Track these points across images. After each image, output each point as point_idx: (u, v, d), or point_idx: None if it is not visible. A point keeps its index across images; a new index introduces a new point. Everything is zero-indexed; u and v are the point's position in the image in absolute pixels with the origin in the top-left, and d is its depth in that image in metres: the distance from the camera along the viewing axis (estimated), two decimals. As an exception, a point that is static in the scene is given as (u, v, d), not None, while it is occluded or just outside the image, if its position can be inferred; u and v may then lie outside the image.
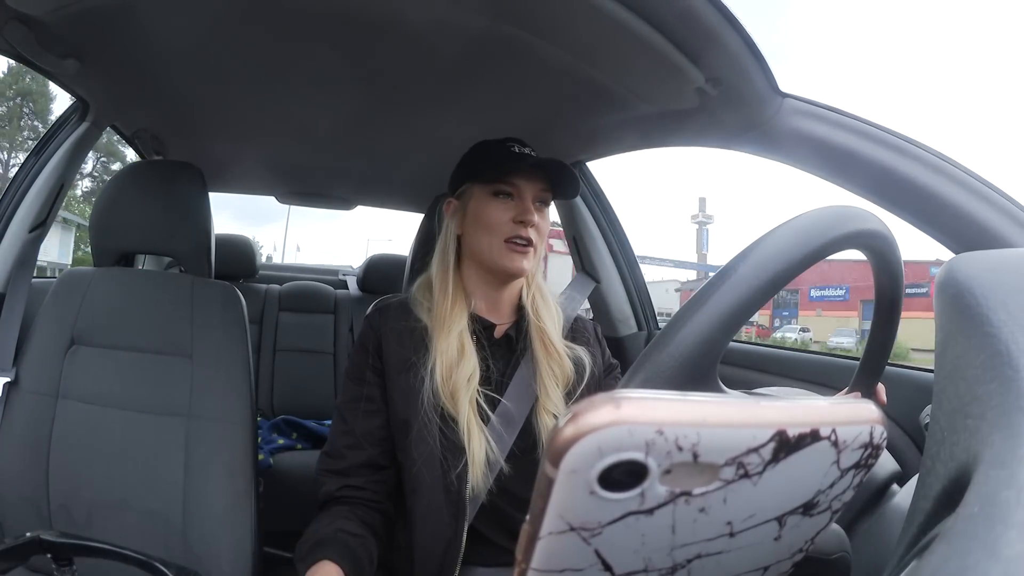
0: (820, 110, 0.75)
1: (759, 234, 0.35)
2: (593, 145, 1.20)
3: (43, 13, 0.78)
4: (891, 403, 0.56)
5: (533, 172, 0.77)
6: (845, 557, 0.47)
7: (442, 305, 0.77)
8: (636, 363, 0.33)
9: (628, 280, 1.43)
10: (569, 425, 0.20)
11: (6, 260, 1.03)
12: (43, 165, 1.08)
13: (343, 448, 0.75)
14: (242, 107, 1.22)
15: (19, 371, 0.91)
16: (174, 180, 1.00)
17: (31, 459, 0.87)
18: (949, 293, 0.26)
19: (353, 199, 2.04)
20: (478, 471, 0.69)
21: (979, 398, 0.22)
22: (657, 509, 0.21)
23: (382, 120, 1.23)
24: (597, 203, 1.40)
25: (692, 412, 0.20)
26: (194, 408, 0.90)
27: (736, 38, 0.67)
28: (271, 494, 1.37)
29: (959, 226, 0.66)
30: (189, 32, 0.87)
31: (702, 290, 0.33)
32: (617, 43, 0.74)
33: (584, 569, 0.23)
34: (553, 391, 0.75)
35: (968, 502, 0.19)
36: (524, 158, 0.76)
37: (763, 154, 0.84)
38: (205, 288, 0.98)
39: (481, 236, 0.77)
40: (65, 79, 0.98)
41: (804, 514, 0.26)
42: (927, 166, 0.68)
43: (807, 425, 0.22)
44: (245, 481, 0.89)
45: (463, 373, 0.73)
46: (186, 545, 0.85)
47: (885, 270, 0.41)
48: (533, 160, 0.76)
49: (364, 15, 0.80)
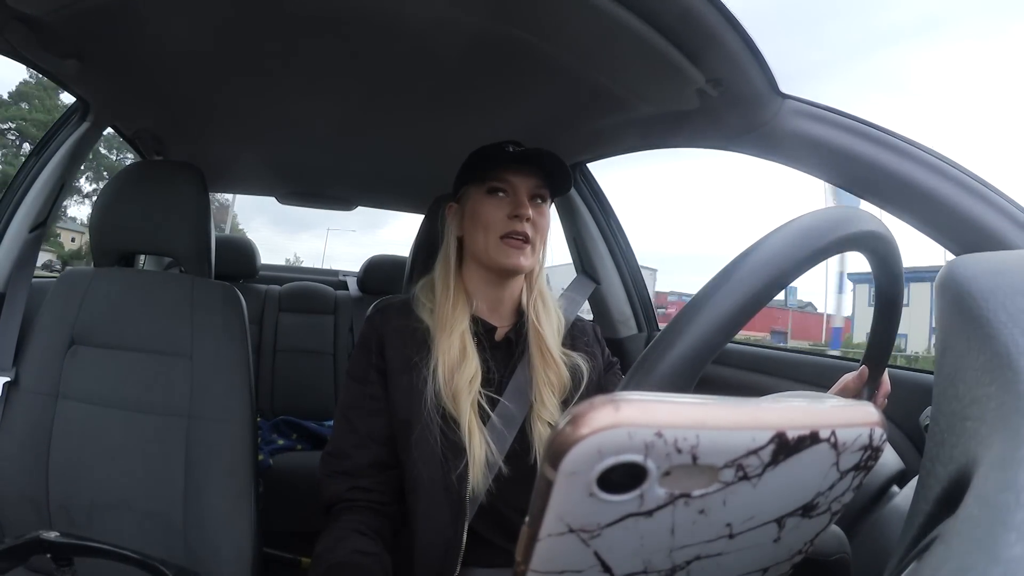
0: (820, 111, 0.75)
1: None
2: (593, 146, 1.20)
3: (43, 13, 0.78)
4: (891, 405, 0.56)
5: (526, 168, 0.77)
6: (845, 559, 0.47)
7: (444, 306, 0.77)
8: (635, 365, 0.33)
9: (628, 281, 1.43)
10: (568, 427, 0.20)
11: (6, 260, 1.03)
12: (43, 165, 1.08)
13: (349, 448, 0.75)
14: (242, 107, 1.22)
15: (19, 371, 0.91)
16: (174, 180, 1.00)
17: (31, 459, 0.87)
18: (949, 295, 0.26)
19: (353, 199, 2.04)
20: (478, 472, 0.69)
21: (979, 400, 0.22)
22: (656, 511, 0.21)
23: (382, 120, 1.23)
24: (597, 204, 1.40)
25: (691, 414, 0.20)
26: (194, 408, 0.90)
27: (736, 39, 0.67)
28: (271, 494, 1.37)
29: (959, 227, 0.66)
30: (189, 32, 0.87)
31: (701, 292, 0.33)
32: (617, 43, 0.74)
33: (583, 571, 0.23)
34: (548, 399, 0.75)
35: (968, 504, 0.19)
36: (514, 153, 0.77)
37: (763, 155, 0.84)
38: (205, 288, 0.98)
39: (478, 234, 0.77)
40: (65, 79, 0.98)
41: (803, 516, 0.26)
42: (927, 167, 0.68)
43: (806, 427, 0.22)
44: (245, 482, 0.89)
45: (465, 374, 0.73)
46: (186, 545, 0.85)
47: (885, 272, 0.41)
48: (522, 152, 0.77)
49: (364, 15, 0.80)
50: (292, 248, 51.47)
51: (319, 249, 33.77)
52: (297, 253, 37.85)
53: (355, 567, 0.65)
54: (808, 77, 68.57)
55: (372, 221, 34.91)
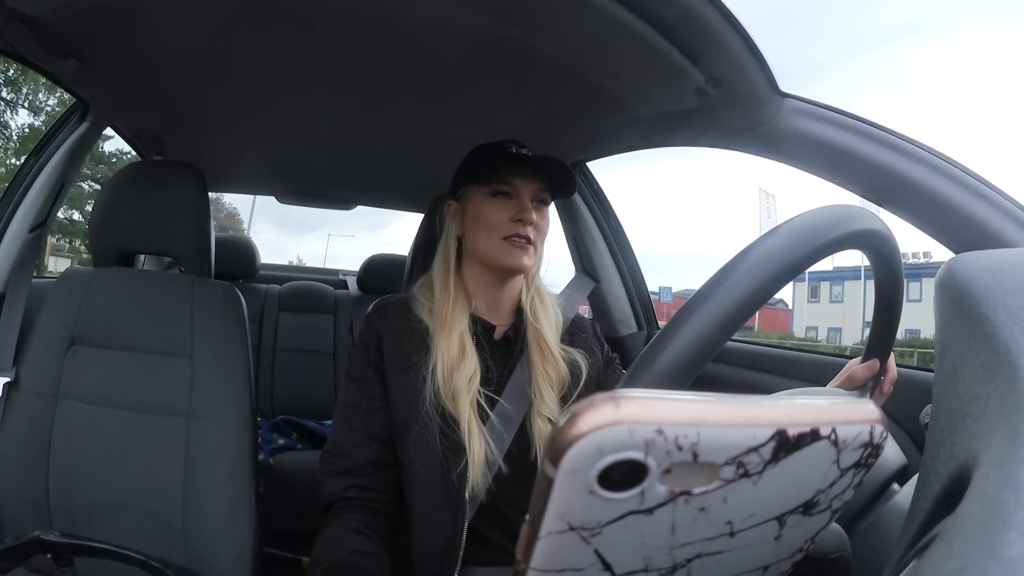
0: (820, 110, 0.75)
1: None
2: (593, 145, 1.20)
3: (43, 13, 0.78)
4: (891, 403, 0.56)
5: (530, 171, 0.77)
6: (845, 556, 0.47)
7: (443, 305, 0.77)
8: (635, 363, 0.33)
9: (628, 280, 1.43)
10: (569, 425, 0.20)
11: (6, 260, 1.03)
12: (43, 165, 1.08)
13: (348, 446, 0.75)
14: (242, 107, 1.22)
15: (19, 371, 0.91)
16: (174, 180, 1.00)
17: (31, 459, 0.87)
18: (949, 293, 0.26)
19: (353, 199, 2.04)
20: (478, 471, 0.69)
21: (979, 398, 0.22)
22: (657, 509, 0.21)
23: (382, 120, 1.23)
24: (597, 203, 1.40)
25: (692, 411, 0.20)
26: (194, 408, 0.90)
27: (736, 38, 0.67)
28: (271, 494, 1.37)
29: (959, 226, 0.66)
30: (189, 32, 0.87)
31: (701, 290, 0.33)
32: (617, 43, 0.74)
33: (584, 569, 0.23)
34: (548, 394, 0.75)
35: (968, 502, 0.19)
36: (520, 156, 0.77)
37: (763, 154, 0.84)
38: (205, 288, 0.98)
39: (480, 235, 0.77)
40: (65, 79, 0.98)
41: (804, 513, 0.26)
42: (927, 166, 0.68)
43: (807, 424, 0.22)
44: (245, 481, 0.89)
45: (464, 373, 0.73)
46: (186, 545, 0.85)
47: (885, 270, 0.41)
48: (528, 157, 0.77)
49: (364, 15, 0.80)
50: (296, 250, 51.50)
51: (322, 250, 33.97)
52: (300, 255, 37.88)
53: (353, 568, 0.64)
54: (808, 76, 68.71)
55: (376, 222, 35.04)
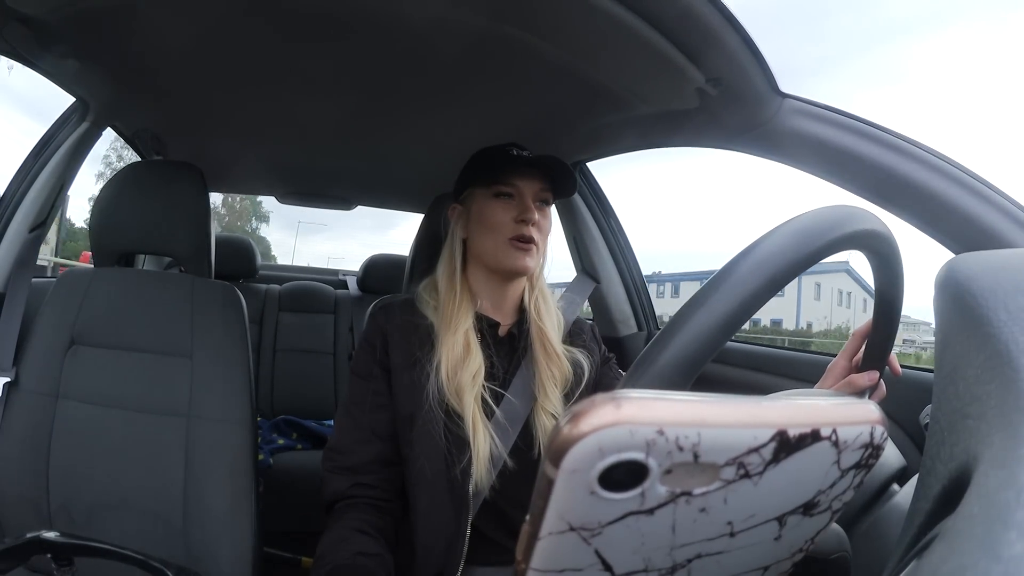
0: (820, 110, 0.75)
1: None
2: (593, 145, 1.20)
3: (43, 13, 0.78)
4: (891, 403, 0.56)
5: (531, 172, 0.78)
6: (845, 557, 0.47)
7: (449, 304, 0.78)
8: (635, 363, 0.33)
9: (628, 280, 1.43)
10: (570, 425, 0.20)
11: (6, 260, 1.03)
12: (43, 165, 1.08)
13: (352, 443, 0.75)
14: (242, 107, 1.22)
15: (19, 371, 0.91)
16: (174, 180, 1.00)
17: (31, 459, 0.87)
18: (949, 293, 0.26)
19: (353, 199, 2.04)
20: (482, 467, 0.69)
21: (979, 398, 0.22)
22: (657, 509, 0.21)
23: (382, 120, 1.23)
24: (597, 203, 1.40)
25: (693, 412, 0.20)
26: (194, 408, 0.90)
27: (736, 38, 0.67)
28: (271, 494, 1.37)
29: (959, 226, 0.66)
30: (189, 32, 0.87)
31: (701, 291, 0.33)
32: (617, 43, 0.74)
33: (584, 569, 0.23)
34: (552, 392, 0.76)
35: (968, 502, 0.19)
36: (521, 157, 0.78)
37: (763, 154, 0.84)
38: (205, 288, 0.98)
39: (485, 237, 0.78)
40: (65, 79, 0.98)
41: (804, 514, 0.26)
42: (927, 166, 0.68)
43: (808, 425, 0.22)
44: (245, 481, 0.89)
45: (469, 370, 0.73)
46: (186, 545, 0.85)
47: (885, 270, 0.41)
48: (529, 158, 0.78)
49: (364, 15, 0.80)
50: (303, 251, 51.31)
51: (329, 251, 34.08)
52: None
53: (358, 570, 0.64)
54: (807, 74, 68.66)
55: (383, 223, 35.13)
